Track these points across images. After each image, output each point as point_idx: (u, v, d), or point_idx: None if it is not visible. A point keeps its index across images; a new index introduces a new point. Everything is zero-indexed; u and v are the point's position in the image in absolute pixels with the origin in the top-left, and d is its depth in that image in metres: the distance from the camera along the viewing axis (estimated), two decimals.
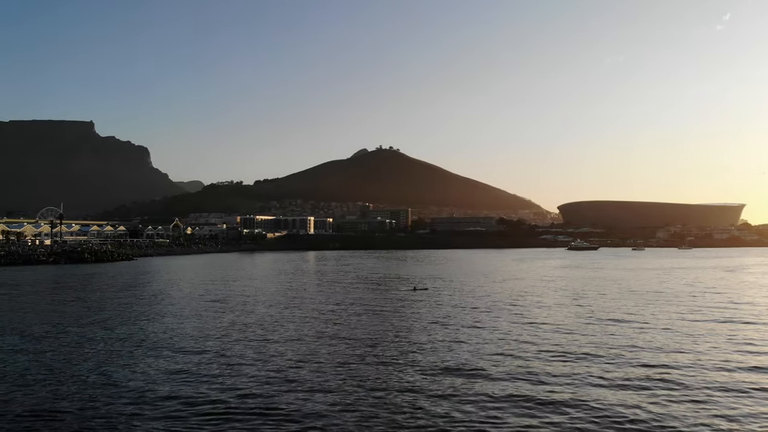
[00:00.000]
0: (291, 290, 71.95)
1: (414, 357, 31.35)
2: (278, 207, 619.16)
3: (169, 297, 64.49)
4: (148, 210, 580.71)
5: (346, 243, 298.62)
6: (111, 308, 54.53)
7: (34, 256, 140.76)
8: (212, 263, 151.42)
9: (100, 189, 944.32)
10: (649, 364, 29.73)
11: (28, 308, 55.13)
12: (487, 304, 55.93)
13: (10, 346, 35.64)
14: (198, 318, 47.75)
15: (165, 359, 31.32)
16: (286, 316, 48.32)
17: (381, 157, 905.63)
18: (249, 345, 35.16)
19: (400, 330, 40.33)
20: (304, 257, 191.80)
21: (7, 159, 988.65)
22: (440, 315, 47.82)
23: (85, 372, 28.44)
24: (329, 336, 38.07)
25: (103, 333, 39.93)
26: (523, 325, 42.68)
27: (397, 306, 54.19)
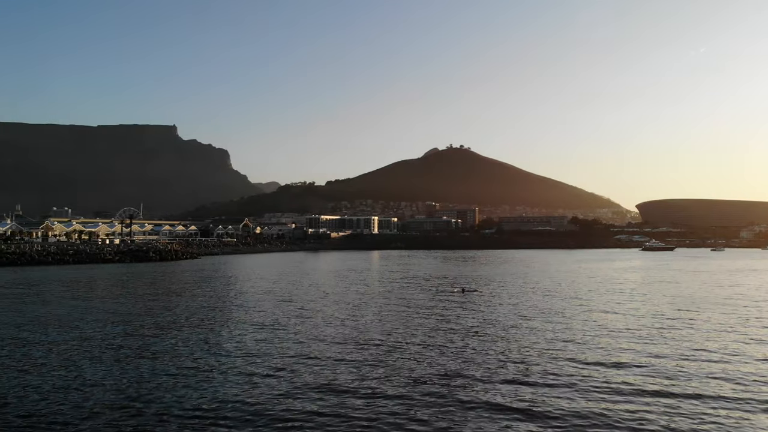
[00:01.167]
0: (329, 292, 71.03)
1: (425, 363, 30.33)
2: (349, 207, 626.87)
3: (221, 293, 65.79)
4: (226, 210, 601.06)
5: (409, 243, 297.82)
6: (141, 304, 56.17)
7: (101, 255, 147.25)
8: (271, 261, 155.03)
9: (183, 190, 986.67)
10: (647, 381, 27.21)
11: (58, 306, 57.43)
12: (527, 308, 53.24)
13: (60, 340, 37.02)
14: (239, 313, 48.53)
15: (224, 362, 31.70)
16: (315, 319, 47.40)
17: (452, 155, 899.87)
18: (301, 344, 35.56)
19: (430, 334, 38.84)
20: (362, 257, 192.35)
21: (95, 161, 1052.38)
22: (481, 320, 45.60)
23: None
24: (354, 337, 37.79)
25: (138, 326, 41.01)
26: (542, 332, 40.25)
27: (440, 308, 52.38)
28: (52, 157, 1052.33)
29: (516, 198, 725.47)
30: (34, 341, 37.19)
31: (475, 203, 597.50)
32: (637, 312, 50.41)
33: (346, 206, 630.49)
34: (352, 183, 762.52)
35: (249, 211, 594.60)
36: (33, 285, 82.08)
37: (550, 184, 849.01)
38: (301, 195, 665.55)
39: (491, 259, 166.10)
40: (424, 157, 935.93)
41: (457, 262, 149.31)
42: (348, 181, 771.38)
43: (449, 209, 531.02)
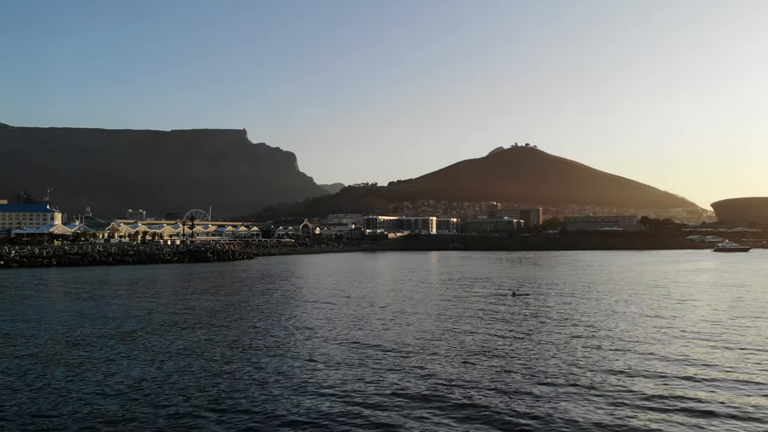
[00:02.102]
0: (375, 295, 70.28)
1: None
2: (410, 207, 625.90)
3: (277, 293, 66.55)
4: (291, 211, 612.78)
5: (467, 243, 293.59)
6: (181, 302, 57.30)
7: (160, 256, 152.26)
8: (325, 261, 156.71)
9: (252, 192, 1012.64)
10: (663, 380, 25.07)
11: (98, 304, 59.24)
12: (572, 312, 50.90)
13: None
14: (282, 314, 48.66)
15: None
16: (364, 321, 47.11)
17: (517, 154, 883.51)
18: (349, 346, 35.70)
19: (474, 339, 37.78)
20: (418, 258, 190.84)
21: (169, 165, 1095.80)
22: (526, 325, 43.80)
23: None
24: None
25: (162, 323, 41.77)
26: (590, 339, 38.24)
27: (488, 312, 50.86)
28: (128, 161, 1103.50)
29: (585, 198, 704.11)
30: (77, 337, 38.43)
31: (541, 203, 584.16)
32: (683, 319, 46.85)
33: (407, 207, 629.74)
34: (414, 183, 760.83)
35: (313, 212, 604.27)
36: (89, 283, 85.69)
37: (621, 183, 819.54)
38: (363, 196, 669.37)
39: (549, 261, 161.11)
40: (489, 157, 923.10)
41: (512, 264, 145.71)
42: (410, 182, 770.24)
43: (513, 209, 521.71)
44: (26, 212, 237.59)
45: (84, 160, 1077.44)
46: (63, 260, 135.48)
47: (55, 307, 56.75)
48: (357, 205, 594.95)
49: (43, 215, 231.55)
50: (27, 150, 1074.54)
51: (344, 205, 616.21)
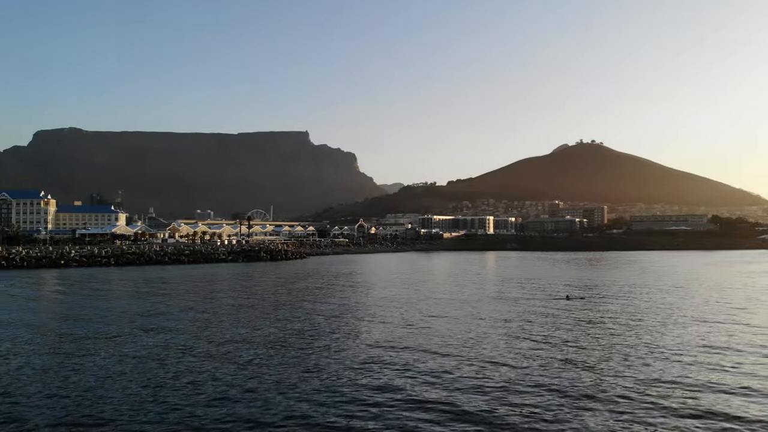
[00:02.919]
0: (415, 298, 69.25)
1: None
2: (470, 207, 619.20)
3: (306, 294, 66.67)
4: (351, 211, 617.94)
5: (525, 243, 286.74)
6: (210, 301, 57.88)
7: (215, 255, 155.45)
8: (376, 261, 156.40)
9: (315, 193, 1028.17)
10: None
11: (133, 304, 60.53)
12: (624, 317, 48.15)
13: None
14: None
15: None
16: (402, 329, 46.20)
17: (582, 151, 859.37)
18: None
19: (523, 346, 36.00)
20: (473, 258, 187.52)
21: (236, 167, 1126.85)
22: (578, 332, 41.31)
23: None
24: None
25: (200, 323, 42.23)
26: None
27: (540, 317, 48.51)
28: (197, 164, 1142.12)
29: (653, 196, 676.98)
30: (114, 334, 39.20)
31: (607, 202, 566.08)
32: (739, 325, 43.43)
33: (467, 206, 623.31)
34: (474, 182, 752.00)
35: (372, 212, 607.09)
36: (146, 282, 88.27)
37: (692, 180, 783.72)
38: (422, 195, 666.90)
39: (610, 262, 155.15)
40: (553, 154, 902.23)
41: (570, 265, 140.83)
42: (470, 181, 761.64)
43: (576, 208, 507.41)
44: (92, 213, 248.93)
45: (155, 162, 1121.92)
46: (121, 260, 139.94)
47: (91, 305, 58.29)
48: (415, 204, 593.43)
49: (107, 216, 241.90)
50: (100, 153, 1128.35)
51: (403, 204, 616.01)
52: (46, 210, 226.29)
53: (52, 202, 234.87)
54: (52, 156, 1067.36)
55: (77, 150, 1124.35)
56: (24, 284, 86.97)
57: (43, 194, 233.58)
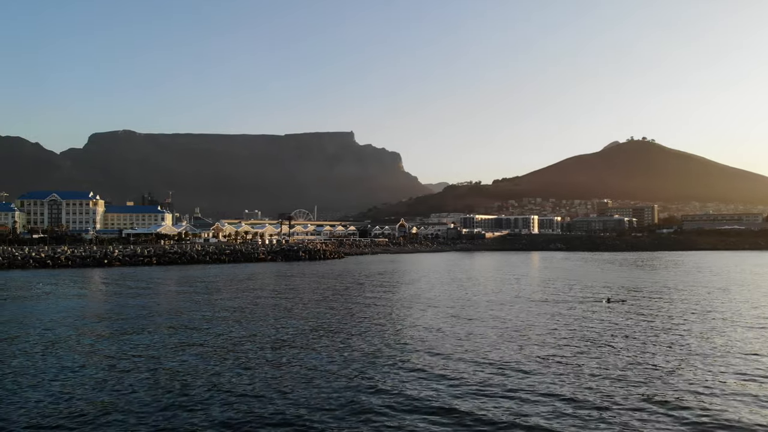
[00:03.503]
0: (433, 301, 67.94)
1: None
2: (516, 206, 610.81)
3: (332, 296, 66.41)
4: (395, 211, 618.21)
5: (570, 243, 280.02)
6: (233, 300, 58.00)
7: (254, 255, 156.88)
8: (414, 260, 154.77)
9: (360, 192, 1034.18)
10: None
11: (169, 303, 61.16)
12: (666, 322, 45.58)
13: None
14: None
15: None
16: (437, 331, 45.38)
17: (633, 149, 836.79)
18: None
19: (563, 351, 34.29)
20: (515, 259, 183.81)
21: (282, 168, 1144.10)
22: (615, 337, 38.99)
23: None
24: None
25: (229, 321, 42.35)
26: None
27: (577, 319, 46.72)
28: (245, 164, 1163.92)
29: (707, 194, 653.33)
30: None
31: (659, 200, 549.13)
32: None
33: (512, 205, 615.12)
34: (520, 181, 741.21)
35: (416, 211, 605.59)
36: (185, 281, 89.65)
37: (749, 178, 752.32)
38: (467, 195, 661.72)
39: (657, 263, 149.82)
40: (603, 152, 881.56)
41: (614, 266, 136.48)
42: (516, 179, 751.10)
43: (626, 207, 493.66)
44: (139, 213, 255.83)
45: (205, 163, 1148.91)
46: (163, 259, 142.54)
47: (116, 302, 59.14)
48: (460, 204, 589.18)
49: (154, 216, 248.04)
50: (153, 155, 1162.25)
51: (447, 204, 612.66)
52: (94, 210, 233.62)
53: (100, 202, 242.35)
54: (107, 157, 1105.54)
55: (130, 151, 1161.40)
56: (65, 283, 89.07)
57: (92, 195, 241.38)
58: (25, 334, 41.29)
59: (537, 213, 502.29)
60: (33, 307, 57.40)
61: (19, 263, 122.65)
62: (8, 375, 28.92)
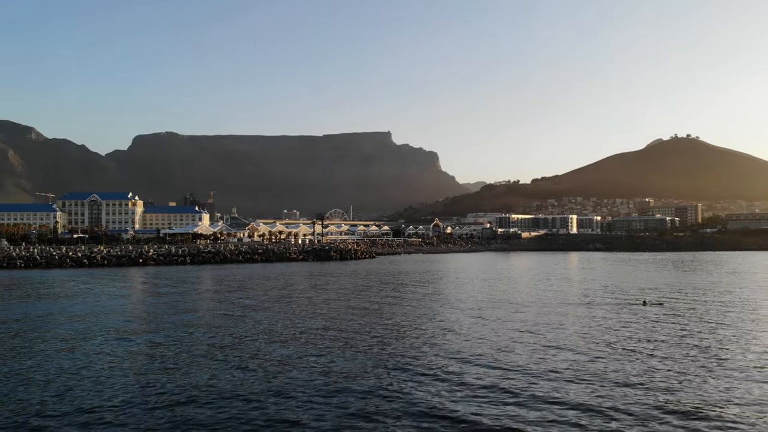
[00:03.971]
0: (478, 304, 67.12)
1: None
2: (555, 205, 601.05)
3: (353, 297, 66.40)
4: (431, 210, 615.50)
5: (609, 243, 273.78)
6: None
7: (286, 254, 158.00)
8: (447, 260, 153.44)
9: (397, 192, 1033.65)
10: None
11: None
12: (698, 327, 43.57)
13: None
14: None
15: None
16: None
17: (677, 147, 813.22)
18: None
19: (592, 354, 33.40)
20: (552, 259, 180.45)
21: (319, 168, 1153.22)
22: (647, 341, 37.59)
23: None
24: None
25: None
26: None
27: (613, 325, 44.72)
28: (285, 165, 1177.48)
29: (755, 193, 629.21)
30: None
31: (703, 199, 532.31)
32: None
33: (552, 204, 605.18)
34: (560, 180, 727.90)
35: (452, 211, 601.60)
36: (218, 279, 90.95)
37: None
38: (505, 194, 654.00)
39: (699, 264, 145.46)
40: (645, 150, 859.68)
41: (653, 267, 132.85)
42: (556, 178, 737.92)
43: (668, 206, 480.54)
44: (177, 213, 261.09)
45: (246, 164, 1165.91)
46: (197, 258, 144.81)
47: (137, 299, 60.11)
48: (497, 203, 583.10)
49: (191, 216, 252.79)
50: (196, 156, 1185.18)
51: (484, 204, 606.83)
52: (133, 211, 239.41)
53: (139, 203, 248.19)
54: (151, 159, 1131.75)
55: (173, 153, 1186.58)
56: (98, 281, 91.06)
57: (131, 195, 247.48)
58: (51, 329, 42.59)
59: (577, 213, 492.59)
60: (58, 304, 58.89)
61: (57, 262, 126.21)
62: (43, 368, 29.89)
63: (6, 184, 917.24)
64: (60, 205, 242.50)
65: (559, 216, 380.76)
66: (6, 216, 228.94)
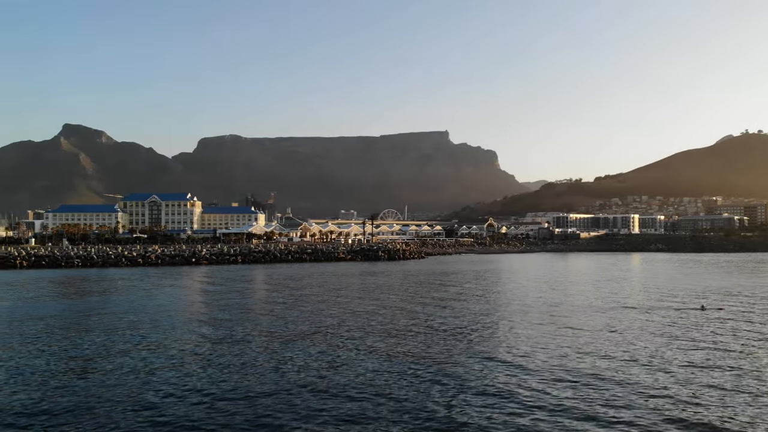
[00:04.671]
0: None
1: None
2: (620, 204, 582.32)
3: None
4: (488, 210, 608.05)
5: (672, 244, 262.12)
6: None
7: (334, 254, 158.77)
8: (499, 260, 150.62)
9: (454, 192, 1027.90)
10: None
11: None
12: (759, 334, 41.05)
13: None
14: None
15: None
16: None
17: (748, 143, 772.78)
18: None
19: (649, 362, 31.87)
20: (605, 260, 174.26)
21: (378, 168, 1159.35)
22: (703, 349, 35.42)
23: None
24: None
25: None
26: None
27: (668, 331, 42.48)
28: (343, 166, 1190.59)
29: None
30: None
31: None
32: None
33: (616, 204, 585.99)
34: (625, 178, 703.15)
35: (511, 210, 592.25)
36: (268, 279, 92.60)
37: None
38: (566, 193, 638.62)
39: (766, 265, 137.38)
40: (716, 146, 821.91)
41: (716, 269, 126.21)
42: (620, 176, 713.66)
43: (738, 204, 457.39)
44: (234, 213, 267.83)
45: (306, 165, 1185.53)
46: (248, 258, 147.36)
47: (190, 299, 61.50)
48: (558, 203, 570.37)
49: (247, 216, 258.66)
50: (258, 158, 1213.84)
51: (544, 203, 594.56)
52: (191, 211, 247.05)
53: (197, 203, 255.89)
54: (215, 161, 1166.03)
55: (237, 155, 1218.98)
56: (148, 279, 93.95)
57: (190, 196, 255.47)
58: (88, 324, 43.87)
59: (643, 212, 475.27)
60: (101, 301, 60.96)
61: (113, 261, 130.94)
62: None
63: (78, 186, 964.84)
64: (121, 205, 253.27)
65: (621, 215, 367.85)
66: (71, 216, 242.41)
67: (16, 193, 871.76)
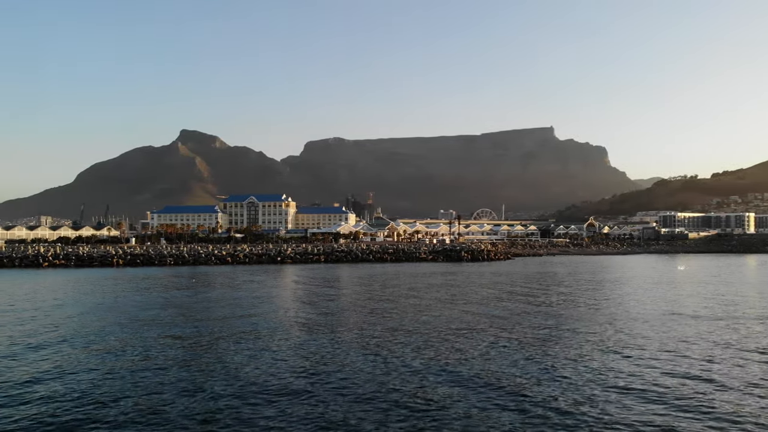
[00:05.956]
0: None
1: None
2: (739, 202, 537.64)
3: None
4: (596, 209, 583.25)
5: None
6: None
7: (416, 254, 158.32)
8: (591, 262, 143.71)
9: (560, 190, 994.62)
10: None
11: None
12: None
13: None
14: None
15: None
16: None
17: None
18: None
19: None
20: (706, 264, 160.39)
21: (479, 167, 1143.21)
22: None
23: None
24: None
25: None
26: None
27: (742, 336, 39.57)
28: (443, 165, 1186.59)
29: None
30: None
31: None
32: None
33: (736, 202, 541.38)
34: (745, 173, 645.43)
35: (620, 209, 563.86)
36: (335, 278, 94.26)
37: None
38: (680, 190, 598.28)
39: None
40: None
41: None
42: (740, 172, 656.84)
43: None
44: (326, 213, 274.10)
45: (406, 166, 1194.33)
46: (330, 257, 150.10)
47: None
48: (671, 201, 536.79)
49: (338, 216, 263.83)
50: (360, 159, 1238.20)
51: (656, 201, 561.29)
52: (286, 211, 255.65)
53: (292, 204, 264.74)
54: (320, 163, 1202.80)
55: (340, 157, 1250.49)
56: (227, 277, 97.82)
57: (285, 197, 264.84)
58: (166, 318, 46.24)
59: (763, 210, 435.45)
60: (156, 297, 64.14)
61: (203, 260, 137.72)
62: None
63: (194, 188, 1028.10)
64: (222, 206, 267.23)
65: (734, 214, 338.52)
66: (174, 217, 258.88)
67: (139, 194, 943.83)
